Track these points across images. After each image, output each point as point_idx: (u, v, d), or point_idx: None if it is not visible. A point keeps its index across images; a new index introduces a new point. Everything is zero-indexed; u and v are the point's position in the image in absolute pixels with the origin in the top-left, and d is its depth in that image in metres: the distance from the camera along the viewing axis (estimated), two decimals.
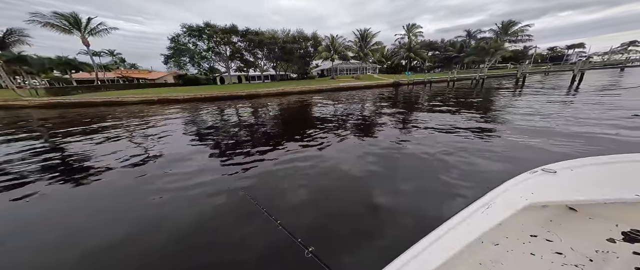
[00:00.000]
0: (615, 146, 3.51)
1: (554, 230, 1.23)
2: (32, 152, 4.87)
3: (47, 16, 20.38)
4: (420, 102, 10.62)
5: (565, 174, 1.37)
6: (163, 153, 4.47)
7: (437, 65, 47.09)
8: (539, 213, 1.32)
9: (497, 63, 39.68)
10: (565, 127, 4.72)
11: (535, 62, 48.11)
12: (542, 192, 1.23)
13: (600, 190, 1.20)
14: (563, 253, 1.09)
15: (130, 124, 8.02)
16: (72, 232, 2.21)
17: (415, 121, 6.47)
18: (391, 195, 2.54)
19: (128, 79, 34.59)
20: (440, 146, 4.02)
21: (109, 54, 40.09)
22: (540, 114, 6.18)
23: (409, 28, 39.27)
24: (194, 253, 1.85)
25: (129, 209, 2.59)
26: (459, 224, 1.03)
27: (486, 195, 1.24)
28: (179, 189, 2.92)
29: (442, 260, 0.84)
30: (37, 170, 3.76)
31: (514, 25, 34.95)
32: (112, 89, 24.52)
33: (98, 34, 23.98)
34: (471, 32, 42.23)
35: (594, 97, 8.25)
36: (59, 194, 2.96)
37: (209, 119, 8.77)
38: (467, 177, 2.83)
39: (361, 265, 1.63)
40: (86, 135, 6.44)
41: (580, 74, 14.45)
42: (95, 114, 11.17)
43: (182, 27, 25.79)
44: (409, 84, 24.56)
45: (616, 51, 56.84)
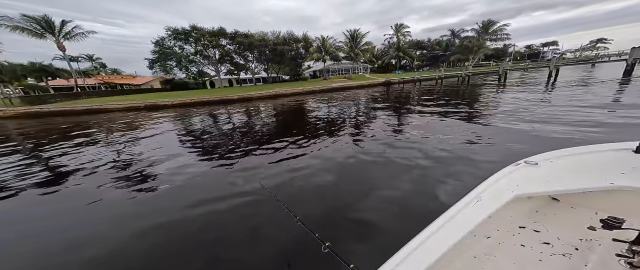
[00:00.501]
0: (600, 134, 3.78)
1: (540, 220, 1.28)
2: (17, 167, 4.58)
3: (15, 19, 19.04)
4: (412, 100, 10.94)
5: (546, 166, 1.42)
6: (165, 157, 4.36)
7: (425, 64, 48.56)
8: (525, 204, 1.37)
9: (480, 61, 41.54)
10: (546, 120, 5.04)
11: (515, 59, 50.87)
12: (526, 184, 1.26)
13: (578, 179, 1.24)
14: (550, 243, 1.13)
15: (119, 132, 7.69)
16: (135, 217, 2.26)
17: (408, 118, 6.68)
18: (392, 190, 2.65)
19: (110, 85, 32.98)
20: (435, 141, 4.19)
21: (87, 58, 38.04)
22: (522, 108, 6.57)
23: (397, 28, 40.21)
24: (216, 245, 1.97)
25: (155, 209, 2.67)
26: (452, 218, 1.03)
27: (476, 189, 1.26)
28: (199, 189, 3.02)
29: (438, 255, 0.85)
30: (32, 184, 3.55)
31: (493, 24, 36.79)
32: (93, 96, 23.30)
33: (74, 38, 22.73)
34: (455, 31, 43.95)
35: (568, 91, 8.89)
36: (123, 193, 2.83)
37: (202, 123, 8.57)
38: (461, 168, 3.01)
39: (373, 258, 1.69)
40: (92, 144, 6.12)
41: (555, 70, 15.47)
42: (78, 123, 10.58)
43: (166, 30, 24.98)
44: (400, 83, 25.17)
45: (586, 48, 61.40)
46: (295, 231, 1.83)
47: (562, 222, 1.26)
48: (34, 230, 2.41)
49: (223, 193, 2.84)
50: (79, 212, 2.73)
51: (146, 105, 16.19)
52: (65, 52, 23.06)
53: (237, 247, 1.93)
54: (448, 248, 0.88)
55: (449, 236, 0.93)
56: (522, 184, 1.25)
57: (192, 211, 2.51)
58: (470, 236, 0.99)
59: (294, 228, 1.49)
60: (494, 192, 1.21)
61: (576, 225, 1.21)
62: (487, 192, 1.21)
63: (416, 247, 0.89)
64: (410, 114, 7.26)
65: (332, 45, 30.55)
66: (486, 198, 1.16)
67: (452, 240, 0.91)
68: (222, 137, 6.17)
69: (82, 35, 23.03)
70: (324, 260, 1.47)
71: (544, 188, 1.22)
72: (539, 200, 1.41)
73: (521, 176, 1.34)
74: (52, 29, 21.16)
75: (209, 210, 2.50)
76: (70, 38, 22.53)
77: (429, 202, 2.37)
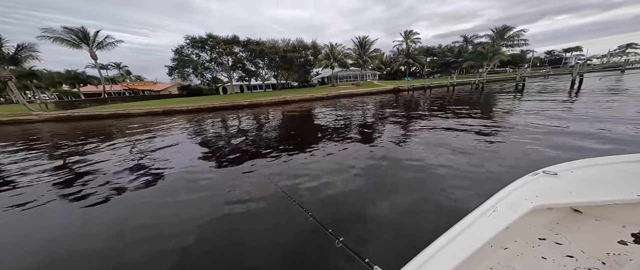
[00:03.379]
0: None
1: (562, 232, 1.22)
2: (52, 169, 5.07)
3: (57, 31, 21.36)
4: (422, 108, 10.78)
5: (566, 176, 1.36)
6: (181, 160, 4.63)
7: (436, 71, 47.65)
8: (545, 215, 1.31)
9: (495, 67, 40.09)
10: (565, 131, 4.79)
11: (534, 65, 48.48)
12: (545, 195, 1.21)
13: (602, 191, 1.20)
14: (574, 256, 1.07)
15: (138, 137, 8.26)
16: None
17: (418, 126, 6.56)
18: (400, 196, 2.67)
19: (134, 91, 35.53)
20: (447, 150, 4.13)
21: (115, 66, 41.40)
22: (542, 119, 6.25)
23: (407, 34, 40.09)
24: (234, 237, 2.15)
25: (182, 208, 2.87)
26: (467, 229, 1.01)
27: (491, 199, 1.22)
28: (217, 187, 3.25)
29: (453, 265, 0.83)
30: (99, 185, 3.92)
31: (509, 30, 35.58)
32: (118, 101, 25.20)
33: (105, 48, 24.95)
34: (468, 37, 42.98)
35: (593, 101, 8.34)
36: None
37: (215, 128, 8.99)
38: (474, 177, 2.96)
39: (388, 254, 1.76)
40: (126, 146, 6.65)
41: (579, 77, 14.49)
42: (104, 126, 11.49)
43: (185, 39, 26.73)
44: (409, 90, 24.83)
45: (615, 53, 57.09)
46: (309, 228, 1.92)
47: (587, 235, 1.19)
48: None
49: (238, 194, 2.98)
50: (94, 212, 2.96)
51: (164, 110, 17.23)
52: (97, 60, 25.33)
53: (254, 244, 2.03)
54: (464, 258, 0.86)
55: (465, 246, 0.91)
56: (541, 195, 1.20)
57: (209, 210, 2.66)
58: (486, 247, 0.96)
59: (308, 225, 1.59)
60: (511, 203, 1.17)
61: (602, 239, 1.15)
62: (503, 202, 1.17)
63: (432, 256, 0.87)
64: (419, 122, 7.15)
65: (340, 52, 30.99)
66: (502, 208, 1.13)
67: (468, 250, 0.89)
68: (234, 141, 6.43)
69: (112, 45, 25.27)
70: (338, 255, 1.63)
71: (565, 199, 1.17)
72: (560, 212, 1.35)
73: (540, 186, 1.30)
74: (87, 40, 23.46)
75: (226, 210, 2.64)
76: (102, 47, 24.79)
77: (440, 209, 2.35)
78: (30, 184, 4.09)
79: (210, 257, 1.94)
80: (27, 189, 3.84)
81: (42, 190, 3.71)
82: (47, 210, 3.07)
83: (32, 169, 4.98)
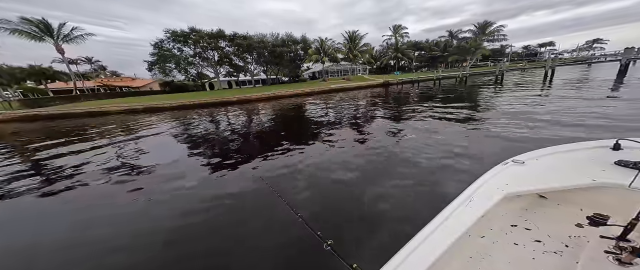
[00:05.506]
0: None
1: (530, 218, 1.30)
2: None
3: (13, 22, 19.09)
4: (411, 101, 11.03)
5: (532, 164, 1.46)
6: (164, 160, 4.41)
7: (423, 65, 48.85)
8: (515, 203, 1.39)
9: (477, 61, 41.83)
10: (536, 119, 5.13)
11: (512, 60, 51.22)
12: (515, 183, 1.27)
13: (563, 177, 1.27)
14: (542, 241, 1.14)
15: (117, 135, 7.74)
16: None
17: (406, 119, 6.74)
18: (389, 190, 2.68)
19: (110, 88, 33.04)
20: (431, 141, 4.27)
21: (86, 61, 38.09)
22: (515, 108, 6.68)
23: (395, 29, 40.48)
24: (220, 239, 2.07)
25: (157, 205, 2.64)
26: (447, 220, 1.04)
27: (467, 189, 1.27)
28: (205, 186, 3.09)
29: (435, 257, 0.85)
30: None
31: (490, 25, 37.11)
32: (92, 98, 23.33)
33: (73, 41, 22.76)
34: (453, 32, 44.26)
35: (562, 91, 9.00)
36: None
37: (201, 126, 8.61)
38: (457, 167, 3.07)
39: (375, 257, 1.71)
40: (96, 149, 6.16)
41: (551, 70, 15.64)
42: (77, 125, 10.62)
43: (165, 33, 25.08)
44: (398, 84, 25.31)
45: (583, 48, 61.96)
46: (298, 229, 1.84)
47: (551, 220, 1.28)
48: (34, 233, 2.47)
49: (224, 192, 2.89)
50: (79, 214, 2.78)
51: (145, 107, 16.23)
52: (64, 54, 23.09)
53: (240, 246, 1.97)
54: (445, 249, 0.88)
55: (445, 237, 0.94)
56: (511, 183, 1.27)
57: (194, 210, 2.56)
58: (465, 237, 0.98)
59: (297, 226, 1.52)
60: (485, 192, 1.22)
61: (564, 223, 1.23)
62: (478, 192, 1.23)
63: (413, 250, 0.89)
64: (408, 115, 7.32)
65: (330, 46, 30.73)
66: (478, 198, 1.17)
67: (448, 241, 0.92)
68: (221, 138, 6.22)
69: (81, 38, 23.08)
70: (326, 258, 1.54)
71: (531, 186, 1.24)
72: (528, 199, 1.44)
73: (509, 175, 1.36)
74: (51, 32, 21.21)
75: (211, 211, 2.55)
76: (69, 41, 22.58)
77: (427, 200, 2.41)
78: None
79: (195, 258, 1.87)
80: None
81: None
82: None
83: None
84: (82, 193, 3.35)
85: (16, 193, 3.50)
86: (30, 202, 3.19)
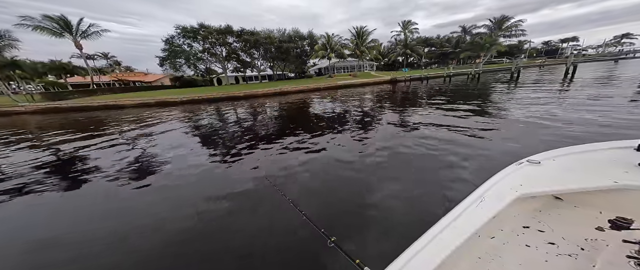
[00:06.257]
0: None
1: (544, 220, 1.25)
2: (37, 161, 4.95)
3: (37, 19, 20.09)
4: (419, 98, 10.77)
5: (548, 164, 1.41)
6: (172, 153, 4.58)
7: (433, 61, 47.34)
8: (529, 204, 1.34)
9: (492, 58, 40.01)
10: (552, 118, 4.90)
11: (530, 56, 48.59)
12: (529, 183, 1.24)
13: (581, 178, 1.23)
14: (556, 243, 1.10)
15: (131, 128, 8.09)
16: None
17: (414, 116, 6.58)
18: (396, 189, 2.63)
19: (124, 82, 34.31)
20: (440, 139, 4.16)
21: (103, 56, 39.63)
22: (531, 106, 6.36)
23: (405, 25, 39.28)
24: (222, 240, 2.06)
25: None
26: (456, 219, 1.03)
27: (479, 189, 1.25)
28: (208, 184, 3.15)
29: (443, 257, 0.84)
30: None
31: (507, 20, 35.19)
32: (108, 92, 24.36)
33: (90, 37, 23.71)
34: (466, 27, 42.43)
35: (583, 90, 8.46)
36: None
37: (209, 120, 8.85)
38: (466, 167, 2.98)
39: (377, 252, 1.74)
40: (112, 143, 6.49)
41: (573, 67, 14.71)
42: (94, 118, 11.17)
43: (176, 29, 25.60)
44: (406, 81, 24.72)
45: (610, 44, 57.62)
46: (301, 226, 1.89)
47: (567, 222, 1.23)
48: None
49: (229, 189, 2.91)
50: (96, 206, 2.93)
51: (156, 101, 16.79)
52: (82, 50, 24.14)
53: (243, 243, 1.98)
54: (453, 249, 0.88)
55: (454, 237, 0.93)
56: (525, 184, 1.24)
57: (199, 206, 2.59)
58: (474, 237, 0.97)
59: (300, 223, 1.52)
60: (497, 192, 1.20)
61: (581, 225, 1.18)
62: (490, 192, 1.20)
63: (421, 249, 0.89)
64: (416, 113, 7.15)
65: (337, 42, 30.30)
66: (489, 198, 1.16)
67: (457, 241, 0.91)
68: (228, 133, 6.34)
69: (97, 34, 24.00)
70: (330, 255, 1.58)
71: (547, 187, 1.21)
72: (543, 200, 1.38)
73: (524, 175, 1.33)
74: (70, 28, 22.18)
75: (215, 206, 2.58)
76: (87, 37, 23.54)
77: (432, 200, 2.36)
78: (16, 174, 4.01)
79: (200, 255, 1.88)
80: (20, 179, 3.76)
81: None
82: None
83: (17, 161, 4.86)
84: (95, 184, 3.53)
85: (38, 181, 3.75)
86: (51, 192, 3.41)
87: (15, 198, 3.13)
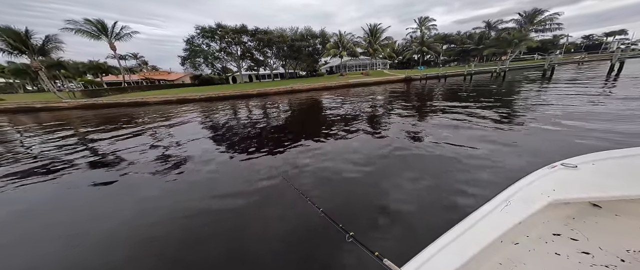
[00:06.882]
0: None
1: (579, 228, 1.16)
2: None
3: (79, 23, 22.43)
4: (435, 97, 10.32)
5: (586, 169, 1.29)
6: (191, 150, 4.79)
7: (453, 59, 44.75)
8: (561, 210, 1.24)
9: (520, 54, 36.73)
10: (593, 119, 4.43)
11: (567, 51, 43.74)
12: (563, 188, 1.15)
13: (624, 185, 1.13)
14: (591, 253, 1.02)
15: (155, 123, 8.81)
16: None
17: (431, 114, 6.29)
18: (412, 189, 2.61)
19: (150, 81, 37.11)
20: (460, 139, 3.99)
21: (133, 57, 43.15)
22: (565, 107, 5.76)
23: (421, 21, 37.59)
24: (240, 236, 2.12)
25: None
26: (477, 223, 0.98)
27: (504, 192, 1.19)
28: (230, 181, 3.27)
29: (461, 260, 0.82)
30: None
31: (541, 13, 31.99)
32: (136, 90, 26.57)
33: (123, 38, 25.93)
34: (491, 22, 39.44)
35: (631, 89, 7.44)
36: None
37: (225, 117, 9.31)
38: (487, 171, 2.84)
39: (396, 247, 1.77)
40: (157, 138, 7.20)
41: (619, 63, 12.97)
42: (126, 113, 12.33)
43: (196, 29, 27.04)
44: (422, 79, 23.73)
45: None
46: (319, 222, 1.87)
47: (605, 232, 1.14)
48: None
49: (246, 186, 2.97)
50: (121, 199, 3.16)
51: (178, 99, 17.98)
52: (116, 51, 26.54)
53: (261, 239, 2.03)
54: (472, 253, 0.85)
55: (474, 241, 0.90)
56: (558, 188, 1.16)
57: (217, 203, 2.67)
58: (496, 242, 0.92)
59: (317, 219, 1.54)
60: (525, 196, 1.14)
61: (622, 236, 1.10)
62: (517, 196, 1.14)
63: (438, 251, 0.87)
64: (432, 111, 6.83)
65: (349, 41, 29.92)
66: (516, 202, 1.10)
67: (476, 245, 0.88)
68: (243, 130, 6.50)
69: (128, 36, 26.20)
70: (348, 249, 1.66)
71: (583, 193, 1.12)
72: (578, 207, 1.28)
73: (557, 179, 1.24)
74: (106, 31, 24.48)
75: (233, 203, 2.64)
76: (119, 38, 25.81)
77: (452, 202, 2.30)
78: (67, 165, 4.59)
79: (218, 248, 1.94)
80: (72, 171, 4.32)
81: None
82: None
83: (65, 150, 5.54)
84: (131, 172, 3.93)
85: (75, 167, 4.27)
86: (84, 175, 3.88)
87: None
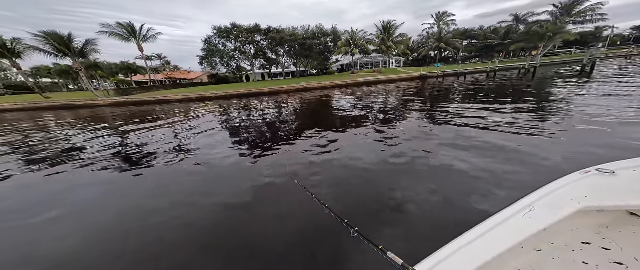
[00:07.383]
0: None
1: (612, 237, 1.08)
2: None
3: (113, 26, 24.69)
4: (452, 95, 9.76)
5: (625, 175, 1.21)
6: (202, 146, 5.03)
7: (474, 55, 41.91)
8: (593, 218, 1.16)
9: (555, 49, 33.29)
10: (632, 121, 4.02)
11: (612, 44, 38.69)
12: (597, 195, 1.09)
13: None
14: (624, 263, 0.95)
15: (175, 119, 9.57)
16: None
17: (445, 117, 5.94)
18: (421, 190, 2.54)
19: (173, 80, 39.78)
20: (478, 140, 3.80)
21: (157, 57, 46.47)
22: (605, 106, 5.16)
23: (439, 17, 35.65)
24: (246, 231, 2.18)
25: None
26: (495, 228, 0.93)
27: (526, 198, 1.12)
28: (241, 178, 3.32)
29: (476, 265, 0.78)
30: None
31: (580, 4, 28.57)
32: (161, 89, 28.70)
33: (149, 40, 28.08)
34: (520, 16, 36.20)
35: None
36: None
37: (238, 114, 9.79)
38: (506, 171, 2.72)
39: (403, 243, 1.79)
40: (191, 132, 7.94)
41: None
42: (150, 111, 13.49)
43: (213, 29, 28.36)
44: (438, 77, 22.65)
45: None
46: (323, 217, 1.86)
47: None
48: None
49: (253, 182, 3.03)
50: (140, 191, 3.38)
51: (197, 97, 19.15)
52: (143, 52, 28.83)
53: (266, 234, 2.07)
54: (489, 258, 0.81)
55: (490, 246, 0.85)
56: (591, 195, 1.09)
57: (224, 199, 2.72)
58: (516, 248, 0.87)
59: (322, 215, 1.54)
60: (552, 202, 1.08)
61: None
62: (542, 202, 1.09)
63: (453, 253, 0.84)
64: (447, 113, 6.48)
65: (361, 38, 29.37)
66: (541, 208, 1.04)
67: (493, 251, 0.83)
68: (254, 127, 6.72)
69: (154, 38, 28.31)
70: (353, 243, 1.63)
71: (621, 201, 1.05)
72: (613, 215, 1.19)
73: (590, 185, 1.17)
74: (135, 33, 26.67)
75: (240, 199, 2.68)
76: (146, 40, 27.98)
77: (466, 205, 2.21)
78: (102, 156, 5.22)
79: (225, 245, 1.99)
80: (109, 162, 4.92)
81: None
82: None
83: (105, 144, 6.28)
84: (155, 166, 4.38)
85: (105, 158, 4.83)
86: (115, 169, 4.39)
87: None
